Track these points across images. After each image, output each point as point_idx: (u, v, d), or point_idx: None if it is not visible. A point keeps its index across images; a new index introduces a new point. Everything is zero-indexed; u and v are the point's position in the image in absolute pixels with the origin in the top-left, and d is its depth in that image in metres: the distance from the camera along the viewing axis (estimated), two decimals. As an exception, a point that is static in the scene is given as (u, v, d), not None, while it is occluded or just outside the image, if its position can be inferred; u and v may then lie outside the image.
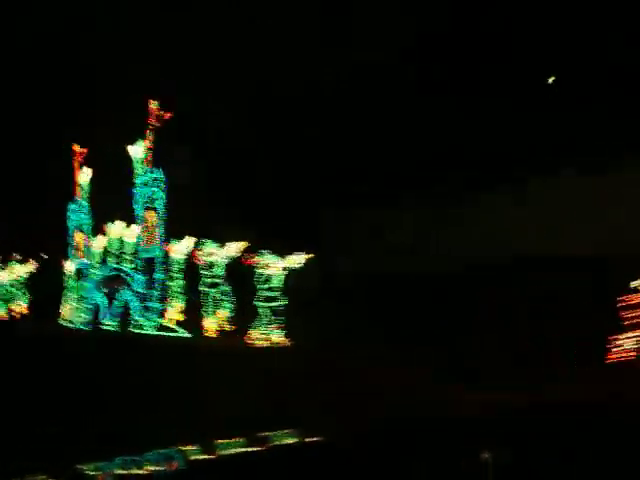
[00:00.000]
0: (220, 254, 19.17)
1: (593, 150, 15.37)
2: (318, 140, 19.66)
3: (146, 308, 22.34)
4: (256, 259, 17.88)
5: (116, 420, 9.53)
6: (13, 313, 32.17)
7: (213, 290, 19.37)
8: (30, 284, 31.55)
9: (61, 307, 28.40)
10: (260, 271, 18.01)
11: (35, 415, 10.18)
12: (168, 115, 21.97)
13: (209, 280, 19.48)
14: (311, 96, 21.08)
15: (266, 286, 17.98)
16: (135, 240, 23.40)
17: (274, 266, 17.83)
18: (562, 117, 16.39)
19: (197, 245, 19.68)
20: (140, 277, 22.87)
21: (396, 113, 18.81)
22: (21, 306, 31.81)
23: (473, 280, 15.94)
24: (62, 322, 28.12)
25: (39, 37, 28.78)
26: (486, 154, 17.45)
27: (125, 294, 23.71)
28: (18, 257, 31.73)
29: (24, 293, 31.73)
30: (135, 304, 22.85)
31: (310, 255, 17.64)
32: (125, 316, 23.52)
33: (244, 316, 18.64)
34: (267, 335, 17.93)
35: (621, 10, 16.10)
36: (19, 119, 29.85)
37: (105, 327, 24.70)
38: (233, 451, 4.67)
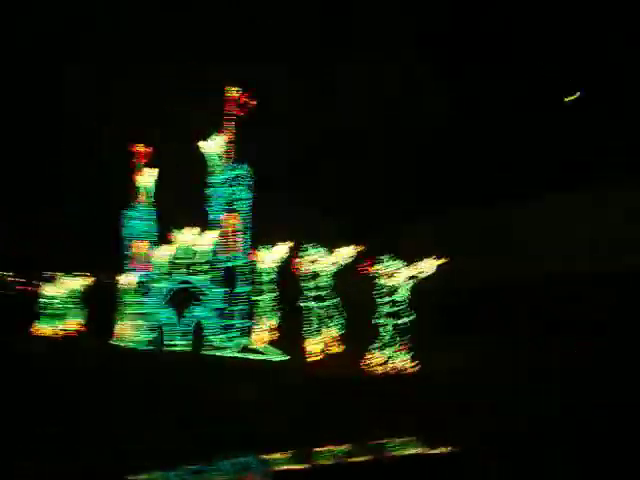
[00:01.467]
0: (326, 261, 15.95)
1: (607, 163, 14.11)
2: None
3: (226, 327, 19.16)
4: (376, 267, 14.62)
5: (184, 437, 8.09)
6: (63, 331, 29.39)
7: (317, 304, 16.12)
8: (82, 300, 28.75)
9: (117, 326, 25.55)
10: (381, 281, 14.73)
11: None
12: (253, 103, 18.90)
13: (312, 293, 16.24)
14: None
15: (388, 299, 14.71)
16: (211, 248, 20.31)
17: (398, 275, 14.55)
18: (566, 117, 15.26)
19: (296, 251, 16.46)
20: (218, 290, 19.74)
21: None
22: (72, 324, 29.02)
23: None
24: (118, 342, 25.21)
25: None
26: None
27: (198, 310, 20.58)
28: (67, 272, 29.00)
29: (75, 310, 28.90)
30: (212, 322, 19.71)
31: (442, 261, 14.35)
32: (198, 336, 20.39)
33: (357, 336, 15.40)
34: (389, 359, 14.66)
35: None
36: (62, 113, 27.08)
37: (172, 349, 21.62)
38: (334, 460, 4.13)
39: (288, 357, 17.03)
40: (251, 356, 17.95)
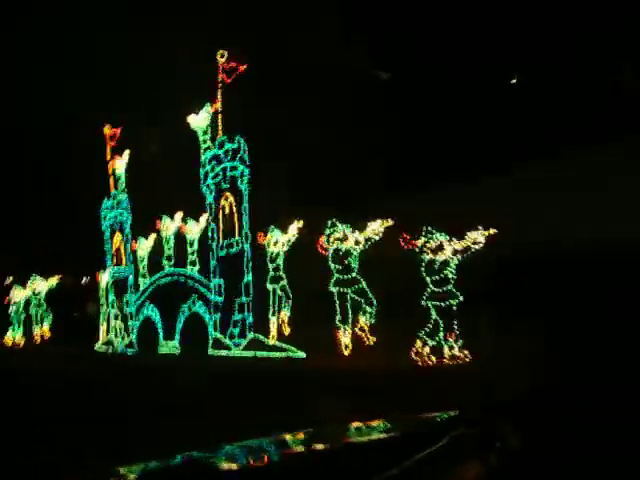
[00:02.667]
0: (357, 238, 13.72)
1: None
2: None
3: (234, 323, 16.82)
4: (420, 241, 12.45)
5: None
6: (34, 337, 26.74)
7: (348, 289, 13.88)
8: (55, 302, 26.11)
9: (100, 329, 23.10)
10: (426, 257, 12.56)
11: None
12: (243, 68, 16.55)
13: (342, 275, 13.99)
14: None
15: (434, 278, 12.55)
16: (205, 234, 17.97)
17: (447, 249, 12.40)
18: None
19: (319, 229, 14.21)
20: (217, 282, 17.39)
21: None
22: (43, 329, 26.36)
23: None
24: (99, 346, 22.76)
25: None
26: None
27: (193, 305, 18.22)
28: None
29: (47, 313, 26.23)
30: (213, 317, 17.37)
31: (491, 231, 12.25)
32: (194, 335, 18.04)
33: (398, 323, 13.22)
34: (438, 348, 12.50)
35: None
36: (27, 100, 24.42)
37: (163, 350, 19.25)
38: (367, 438, 2.94)
39: (307, 354, 14.74)
40: (263, 354, 15.63)
